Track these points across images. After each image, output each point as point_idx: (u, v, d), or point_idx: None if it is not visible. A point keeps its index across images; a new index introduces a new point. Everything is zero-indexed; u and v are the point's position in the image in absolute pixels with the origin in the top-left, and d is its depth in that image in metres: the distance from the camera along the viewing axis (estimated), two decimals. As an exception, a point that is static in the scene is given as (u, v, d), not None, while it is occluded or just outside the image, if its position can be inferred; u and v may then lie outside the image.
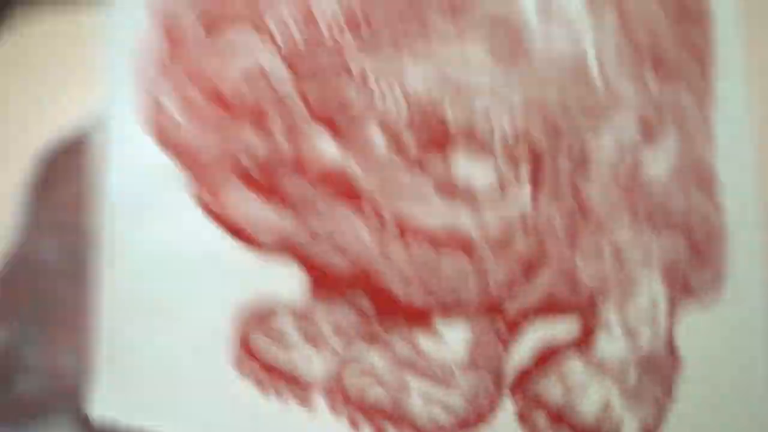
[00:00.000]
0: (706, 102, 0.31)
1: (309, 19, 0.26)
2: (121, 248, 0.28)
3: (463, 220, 0.27)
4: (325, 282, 0.27)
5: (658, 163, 0.30)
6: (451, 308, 0.27)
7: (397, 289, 0.27)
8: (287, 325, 0.27)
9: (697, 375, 0.30)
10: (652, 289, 0.29)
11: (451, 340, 0.28)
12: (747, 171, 0.32)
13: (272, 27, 0.26)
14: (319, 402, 0.27)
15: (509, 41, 0.27)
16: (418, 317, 0.27)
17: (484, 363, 0.28)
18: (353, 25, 0.26)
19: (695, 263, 0.31)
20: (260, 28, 0.26)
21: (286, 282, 0.27)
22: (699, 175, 0.31)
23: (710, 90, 0.32)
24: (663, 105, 0.30)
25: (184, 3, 0.26)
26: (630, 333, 0.29)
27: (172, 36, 0.26)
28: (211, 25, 0.26)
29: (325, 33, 0.26)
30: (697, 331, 0.30)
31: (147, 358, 0.28)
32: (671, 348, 0.30)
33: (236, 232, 0.27)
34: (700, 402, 0.30)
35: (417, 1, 0.26)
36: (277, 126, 0.26)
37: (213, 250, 0.27)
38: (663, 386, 0.29)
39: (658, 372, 0.29)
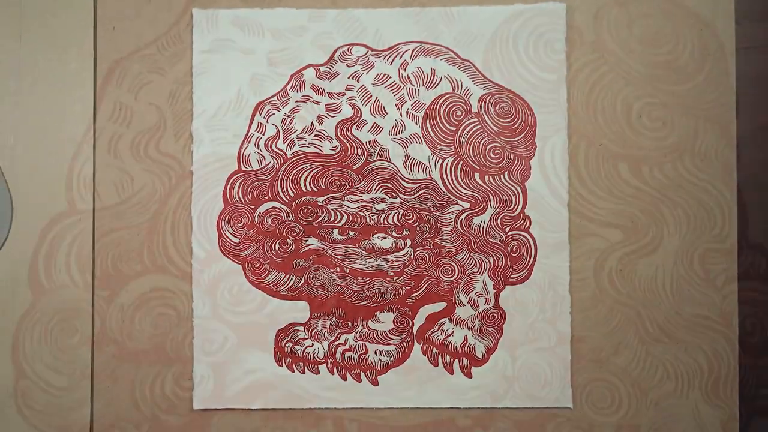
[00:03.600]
0: (525, 162, 0.57)
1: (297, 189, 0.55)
2: (222, 307, 0.57)
3: (380, 263, 0.56)
4: (318, 306, 0.57)
5: (484, 216, 0.58)
6: (382, 305, 0.57)
7: (354, 301, 0.57)
8: (301, 332, 0.57)
9: (515, 318, 0.58)
10: (482, 281, 0.58)
11: (385, 320, 0.57)
12: (559, 197, 0.58)
13: (281, 195, 0.55)
14: (323, 369, 0.57)
15: (390, 180, 0.56)
16: (367, 312, 0.57)
17: (402, 328, 0.57)
18: (316, 190, 0.56)
19: (511, 264, 0.58)
20: (274, 197, 0.56)
21: (299, 311, 0.57)
22: (511, 218, 0.59)
23: (530, 152, 0.57)
24: (486, 189, 0.58)
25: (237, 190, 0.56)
26: (472, 303, 0.58)
27: (230, 204, 0.56)
28: (251, 201, 0.56)
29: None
30: (514, 296, 0.58)
31: (233, 359, 0.57)
32: (498, 307, 0.58)
33: (269, 291, 0.57)
34: (518, 332, 0.58)
35: (347, 175, 0.55)
36: (287, 236, 0.56)
37: (259, 301, 0.57)
38: (495, 326, 0.58)
39: (491, 320, 0.58)
